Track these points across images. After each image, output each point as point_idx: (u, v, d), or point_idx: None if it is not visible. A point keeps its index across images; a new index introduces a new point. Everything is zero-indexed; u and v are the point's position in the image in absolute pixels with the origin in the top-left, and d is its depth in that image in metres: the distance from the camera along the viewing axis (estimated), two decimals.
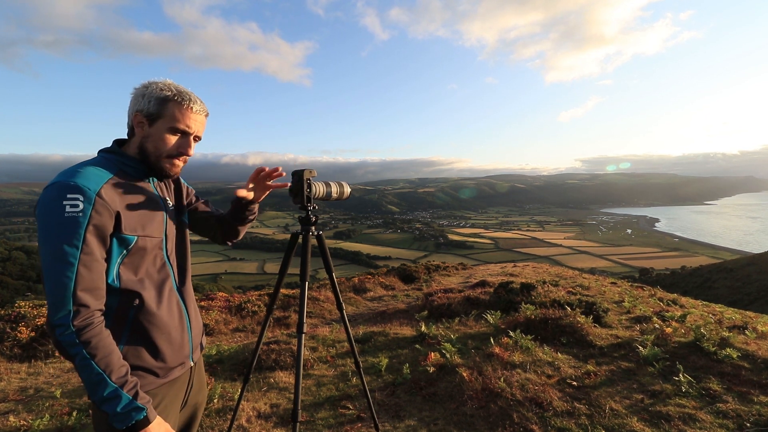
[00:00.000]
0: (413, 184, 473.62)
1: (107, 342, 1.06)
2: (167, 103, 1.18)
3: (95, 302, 1.06)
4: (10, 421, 2.92)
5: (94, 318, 1.05)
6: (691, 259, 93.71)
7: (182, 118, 1.21)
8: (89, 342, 1.02)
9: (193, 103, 1.23)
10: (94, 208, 1.05)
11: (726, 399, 2.75)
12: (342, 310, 2.00)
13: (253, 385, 3.39)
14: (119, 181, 1.16)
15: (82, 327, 1.02)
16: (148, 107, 1.18)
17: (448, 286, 9.38)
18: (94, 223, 1.05)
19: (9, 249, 36.21)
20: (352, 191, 1.98)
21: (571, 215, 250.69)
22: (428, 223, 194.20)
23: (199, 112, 1.25)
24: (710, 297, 23.62)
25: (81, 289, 1.02)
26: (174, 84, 1.22)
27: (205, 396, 1.54)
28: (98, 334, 1.04)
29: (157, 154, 1.22)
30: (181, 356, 1.29)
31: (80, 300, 1.02)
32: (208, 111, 1.31)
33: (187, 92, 1.23)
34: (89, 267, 1.04)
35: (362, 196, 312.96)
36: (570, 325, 4.12)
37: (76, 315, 1.01)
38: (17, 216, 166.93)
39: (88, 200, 1.04)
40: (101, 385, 1.02)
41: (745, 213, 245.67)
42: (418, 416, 2.78)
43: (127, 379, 1.07)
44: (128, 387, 1.06)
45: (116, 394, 1.03)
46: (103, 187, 1.09)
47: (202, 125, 1.29)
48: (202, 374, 1.52)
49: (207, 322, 6.89)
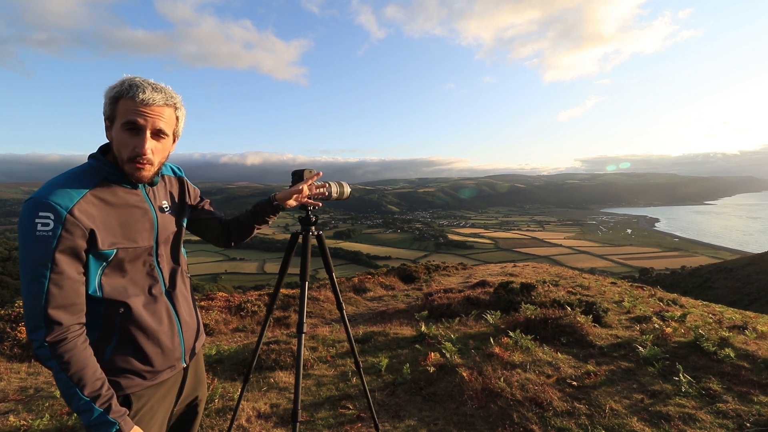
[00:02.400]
0: (413, 184, 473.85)
1: (82, 356, 1.06)
2: (119, 100, 1.09)
3: (69, 318, 1.05)
4: (10, 420, 2.92)
5: (68, 333, 1.05)
6: (691, 259, 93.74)
7: (129, 111, 1.08)
8: (62, 356, 1.03)
9: (141, 93, 1.07)
10: (64, 228, 1.02)
11: (726, 399, 2.75)
12: (342, 310, 2.00)
13: (253, 385, 3.39)
14: (101, 192, 1.12)
15: (55, 342, 1.03)
16: (106, 110, 1.12)
17: (448, 286, 9.38)
18: (64, 242, 1.02)
19: (9, 249, 36.28)
20: (352, 191, 1.98)
21: (571, 215, 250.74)
22: (428, 223, 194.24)
23: (150, 102, 1.09)
24: (710, 297, 23.63)
25: (52, 307, 1.02)
26: (132, 77, 1.10)
27: (205, 392, 1.54)
28: (71, 349, 1.05)
29: (120, 158, 1.13)
30: (171, 360, 1.28)
31: (52, 317, 1.02)
32: (173, 100, 1.16)
33: (140, 83, 1.09)
34: (60, 285, 1.03)
35: (362, 196, 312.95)
36: (570, 325, 4.12)
37: (48, 332, 1.02)
38: (17, 216, 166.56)
39: (58, 219, 1.01)
40: (74, 398, 1.04)
41: (745, 213, 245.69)
42: (418, 416, 2.78)
43: (101, 393, 1.06)
44: (101, 401, 1.06)
45: (88, 407, 1.04)
46: (77, 203, 1.05)
47: (161, 118, 1.12)
48: (200, 371, 1.51)
49: (207, 322, 6.89)
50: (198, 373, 1.49)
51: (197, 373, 1.48)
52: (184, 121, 1.24)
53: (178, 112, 1.20)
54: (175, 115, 1.19)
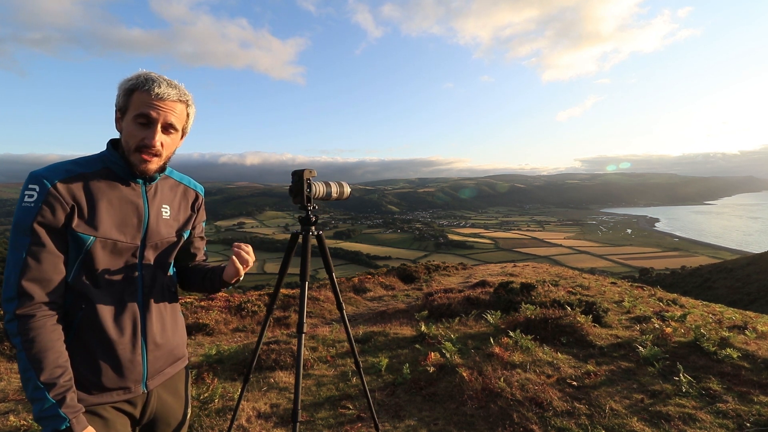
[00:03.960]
0: (413, 184, 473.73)
1: (47, 338, 1.01)
2: (133, 92, 1.11)
3: (41, 294, 1.03)
4: (10, 420, 2.92)
5: (38, 311, 1.02)
6: (691, 259, 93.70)
7: (143, 104, 1.10)
8: (27, 333, 1.00)
9: (156, 87, 1.10)
10: (45, 201, 1.03)
11: (726, 399, 2.75)
12: (342, 310, 2.00)
13: (253, 385, 3.39)
14: (96, 177, 1.12)
15: (23, 316, 1.01)
16: (119, 101, 1.14)
17: (448, 286, 9.38)
18: (43, 214, 1.02)
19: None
20: (352, 191, 1.98)
21: (571, 215, 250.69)
22: (428, 223, 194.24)
23: (165, 97, 1.11)
24: (710, 297, 23.62)
25: (27, 278, 1.01)
26: (148, 73, 1.12)
27: (181, 420, 1.34)
28: (39, 327, 1.01)
29: (127, 149, 1.14)
30: (125, 380, 1.14)
31: (24, 289, 1.01)
32: (186, 97, 1.18)
33: (156, 78, 1.11)
34: (38, 258, 1.02)
35: (362, 196, 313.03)
36: (570, 325, 4.12)
37: (20, 305, 1.01)
38: None
39: (42, 191, 1.03)
40: (29, 382, 0.99)
41: (745, 213, 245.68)
42: (418, 416, 2.78)
43: (57, 382, 0.99)
44: (56, 391, 0.98)
45: (40, 396, 0.97)
46: (64, 179, 1.06)
47: (173, 112, 1.14)
48: (176, 398, 1.32)
49: (207, 322, 6.89)
50: (173, 401, 1.30)
51: (172, 402, 1.30)
52: (194, 119, 1.26)
53: (189, 109, 1.21)
54: (186, 111, 1.20)
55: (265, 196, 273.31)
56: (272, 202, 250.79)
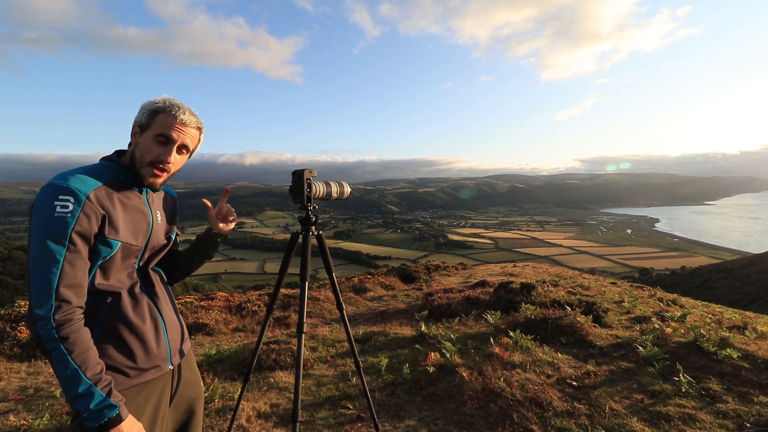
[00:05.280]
0: (413, 184, 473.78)
1: (85, 339, 1.10)
2: (158, 114, 1.26)
3: (77, 299, 1.10)
4: (10, 420, 2.92)
5: (75, 314, 1.09)
6: (691, 259, 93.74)
7: (166, 126, 1.25)
8: (68, 337, 1.06)
9: (182, 113, 1.27)
10: (83, 210, 1.10)
11: (726, 399, 2.75)
12: (342, 310, 2.00)
13: (253, 385, 3.39)
14: (111, 188, 1.22)
15: (63, 322, 1.06)
16: (141, 119, 1.27)
17: (448, 286, 9.38)
18: (81, 223, 1.10)
19: (9, 249, 36.27)
20: (352, 191, 1.98)
21: (571, 215, 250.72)
22: (428, 223, 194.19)
23: (187, 123, 1.29)
24: (710, 297, 23.62)
25: (64, 285, 1.07)
26: (172, 99, 1.29)
27: (200, 392, 1.53)
28: (77, 330, 1.08)
29: (141, 161, 1.26)
30: (155, 359, 1.30)
31: (62, 295, 1.07)
32: (201, 125, 1.35)
33: (181, 105, 1.29)
34: (73, 264, 1.09)
35: (362, 196, 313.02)
36: (570, 325, 4.12)
37: (57, 310, 1.06)
38: (17, 216, 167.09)
39: (77, 202, 1.10)
40: (76, 381, 1.05)
41: (746, 213, 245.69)
42: (418, 416, 2.78)
43: (102, 376, 1.09)
44: (102, 384, 1.08)
45: (90, 391, 1.06)
46: (94, 191, 1.15)
47: (191, 137, 1.32)
48: (193, 373, 1.51)
49: (207, 322, 6.88)
50: (191, 375, 1.49)
51: (190, 375, 1.49)
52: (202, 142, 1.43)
53: (201, 135, 1.39)
54: (199, 137, 1.38)
55: (265, 196, 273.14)
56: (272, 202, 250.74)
